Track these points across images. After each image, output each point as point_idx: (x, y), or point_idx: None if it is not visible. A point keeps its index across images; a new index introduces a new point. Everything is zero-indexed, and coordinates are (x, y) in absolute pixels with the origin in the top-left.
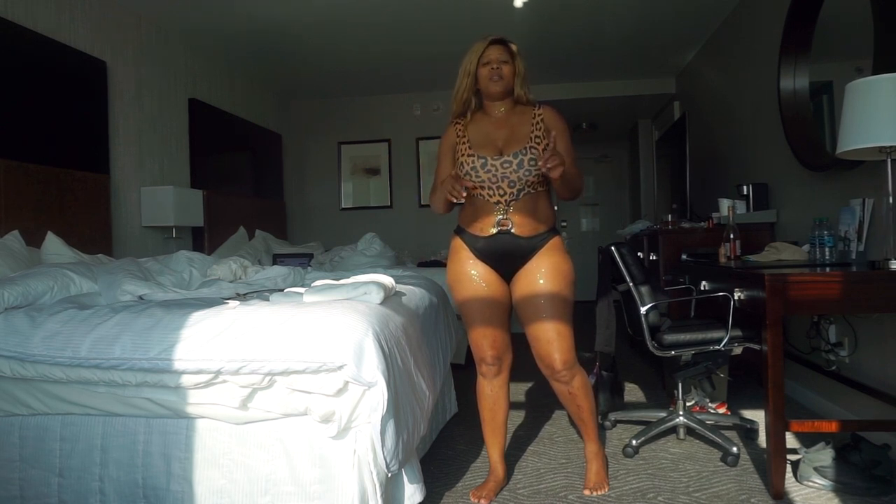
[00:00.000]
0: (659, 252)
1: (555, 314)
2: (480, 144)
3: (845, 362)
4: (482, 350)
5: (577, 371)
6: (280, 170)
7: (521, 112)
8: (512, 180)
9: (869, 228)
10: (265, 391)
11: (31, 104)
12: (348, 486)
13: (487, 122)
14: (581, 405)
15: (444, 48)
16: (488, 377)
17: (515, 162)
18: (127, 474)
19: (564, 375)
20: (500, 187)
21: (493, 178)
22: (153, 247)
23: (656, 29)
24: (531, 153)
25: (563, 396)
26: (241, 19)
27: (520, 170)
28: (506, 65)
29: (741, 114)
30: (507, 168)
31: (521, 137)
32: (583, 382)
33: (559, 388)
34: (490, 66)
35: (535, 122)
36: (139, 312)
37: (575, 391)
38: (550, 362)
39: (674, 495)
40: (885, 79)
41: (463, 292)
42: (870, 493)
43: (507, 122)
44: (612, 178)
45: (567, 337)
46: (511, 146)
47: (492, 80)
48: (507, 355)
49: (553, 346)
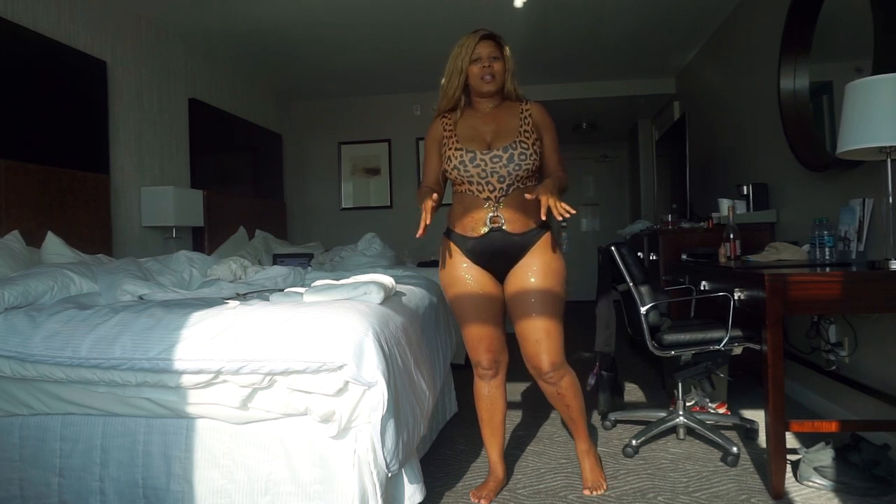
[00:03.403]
0: (659, 252)
1: (544, 313)
2: (468, 138)
3: (845, 362)
4: (478, 354)
5: (566, 371)
6: (280, 170)
7: (509, 107)
8: (501, 175)
9: (869, 228)
10: (265, 391)
11: (31, 104)
12: (348, 486)
13: (475, 116)
14: (570, 405)
15: (445, 48)
16: (485, 379)
17: (505, 156)
18: (127, 474)
19: (552, 376)
20: (490, 182)
21: (482, 172)
22: (153, 247)
23: (656, 29)
24: (521, 147)
25: (552, 397)
26: (241, 19)
27: (509, 164)
28: (497, 62)
29: (741, 114)
30: (497, 163)
31: (509, 131)
32: (571, 382)
33: (547, 388)
34: (481, 63)
35: (523, 116)
36: (139, 312)
37: (563, 391)
38: (538, 363)
39: (674, 495)
40: (885, 79)
41: (457, 296)
42: (870, 493)
43: (496, 117)
44: (612, 178)
45: (556, 337)
46: (500, 140)
47: (484, 79)
48: (504, 357)
49: (541, 347)
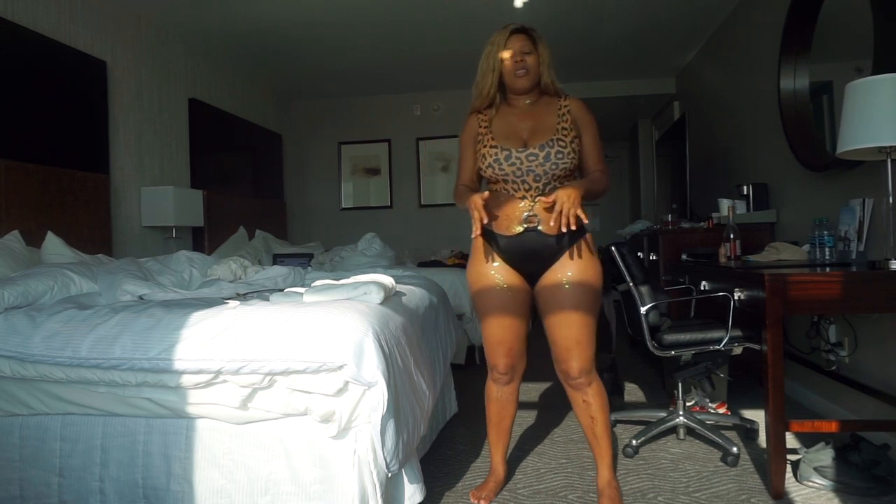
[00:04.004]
0: (659, 252)
1: (577, 321)
2: (504, 136)
3: (845, 362)
4: (496, 357)
5: (594, 378)
6: (280, 170)
7: (547, 103)
8: (538, 174)
9: (869, 228)
10: (265, 391)
11: (31, 104)
12: (348, 486)
13: (511, 113)
14: (595, 416)
15: (445, 48)
16: (499, 384)
17: (542, 155)
18: (127, 474)
19: (580, 382)
20: (525, 181)
21: (517, 171)
22: (153, 247)
23: (656, 29)
24: (558, 145)
25: (578, 406)
26: (241, 19)
27: (546, 163)
28: (529, 55)
29: (741, 114)
30: (533, 161)
31: (547, 129)
32: (599, 391)
33: (574, 395)
34: (513, 58)
35: (561, 112)
36: (139, 312)
37: (590, 399)
38: (567, 367)
39: (674, 495)
40: (885, 79)
41: (483, 295)
42: (870, 493)
43: (532, 113)
44: (613, 178)
45: (587, 346)
46: (537, 138)
47: (517, 74)
48: (521, 364)
49: (572, 352)
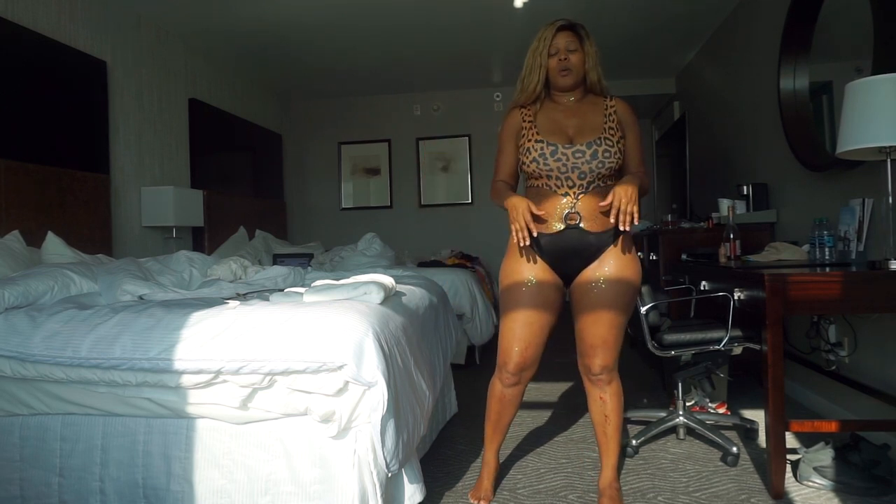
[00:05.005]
0: (659, 252)
1: (608, 320)
2: (549, 131)
3: (845, 362)
4: (508, 355)
5: (615, 377)
6: (280, 170)
7: (593, 102)
8: (583, 171)
9: (869, 228)
10: (265, 391)
11: (31, 104)
12: (348, 486)
13: (556, 109)
14: (608, 416)
15: (445, 49)
16: (504, 384)
17: (589, 152)
18: (127, 474)
19: (601, 378)
20: (570, 178)
21: (562, 167)
22: (153, 247)
23: (656, 29)
24: (605, 144)
25: (594, 401)
26: (241, 19)
27: (592, 161)
28: (574, 53)
29: (741, 114)
30: (579, 158)
31: (594, 127)
32: (617, 391)
33: (591, 389)
34: (558, 56)
35: (607, 112)
36: (139, 312)
37: (606, 398)
38: (589, 363)
39: (674, 495)
40: (885, 79)
41: (511, 290)
42: (870, 493)
43: (578, 111)
44: None
45: (613, 345)
46: (583, 135)
47: (561, 73)
48: (531, 370)
49: (597, 351)
